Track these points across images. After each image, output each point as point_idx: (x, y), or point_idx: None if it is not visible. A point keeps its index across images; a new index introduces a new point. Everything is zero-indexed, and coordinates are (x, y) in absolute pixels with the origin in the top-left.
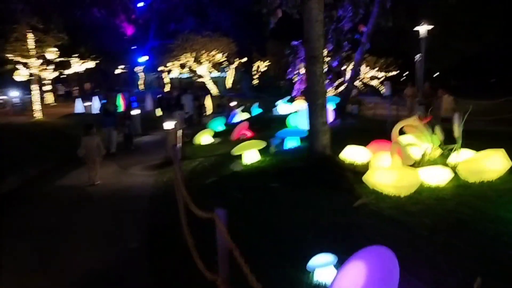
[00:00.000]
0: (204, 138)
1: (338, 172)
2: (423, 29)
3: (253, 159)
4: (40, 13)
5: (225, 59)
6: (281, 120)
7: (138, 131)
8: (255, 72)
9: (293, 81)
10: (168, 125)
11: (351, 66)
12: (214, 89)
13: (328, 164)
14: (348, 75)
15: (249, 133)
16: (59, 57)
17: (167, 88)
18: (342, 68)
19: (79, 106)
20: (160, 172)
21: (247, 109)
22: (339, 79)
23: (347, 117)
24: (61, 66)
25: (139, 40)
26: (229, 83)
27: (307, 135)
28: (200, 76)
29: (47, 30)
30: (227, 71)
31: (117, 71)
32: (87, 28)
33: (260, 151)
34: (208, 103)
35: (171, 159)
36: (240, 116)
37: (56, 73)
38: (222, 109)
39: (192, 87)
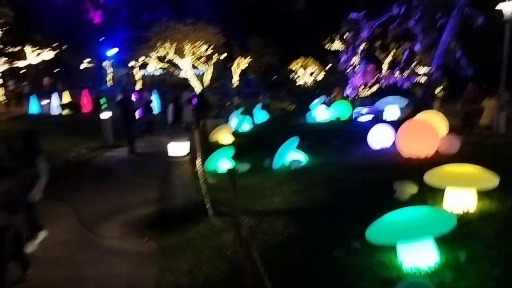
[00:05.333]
0: (221, 162)
1: None
2: (508, 6)
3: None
4: None
5: (212, 51)
6: (342, 133)
7: (109, 141)
8: (235, 68)
9: (347, 73)
10: (177, 148)
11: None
12: (198, 87)
13: None
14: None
15: None
16: (8, 45)
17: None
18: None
19: (33, 106)
20: (163, 244)
21: (247, 111)
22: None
23: None
24: (11, 56)
25: (108, 30)
26: (207, 80)
27: None
28: (178, 71)
29: None
30: (204, 67)
31: (83, 66)
32: (44, 10)
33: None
34: None
35: (178, 210)
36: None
37: (6, 66)
38: (217, 112)
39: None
